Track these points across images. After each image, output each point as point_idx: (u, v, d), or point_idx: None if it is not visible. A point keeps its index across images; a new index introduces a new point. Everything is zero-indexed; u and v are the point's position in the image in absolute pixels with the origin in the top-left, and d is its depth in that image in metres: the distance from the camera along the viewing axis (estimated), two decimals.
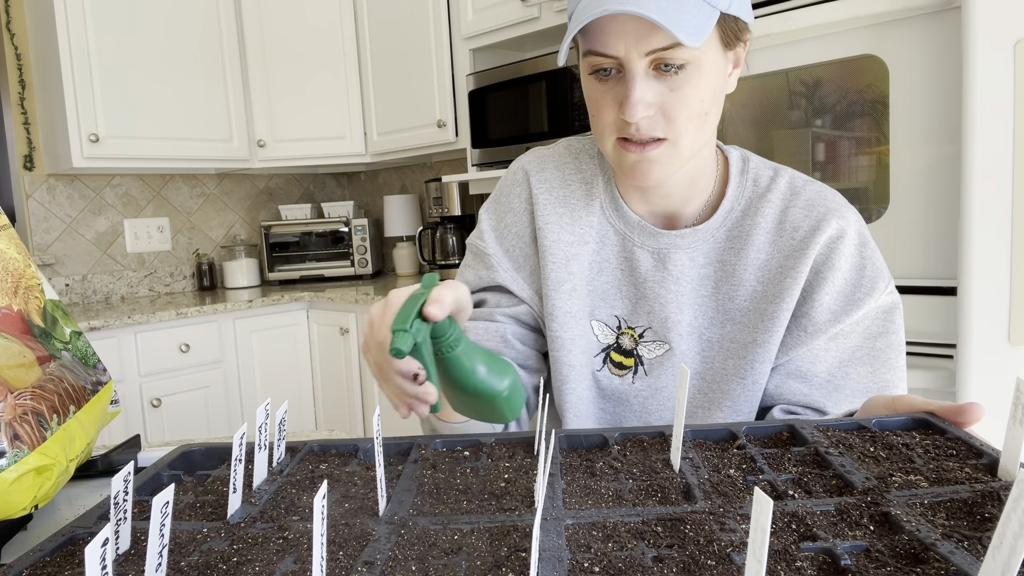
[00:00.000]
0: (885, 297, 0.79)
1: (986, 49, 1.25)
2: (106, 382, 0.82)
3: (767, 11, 1.55)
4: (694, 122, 0.71)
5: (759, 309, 0.79)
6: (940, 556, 0.37)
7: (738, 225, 0.81)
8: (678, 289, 0.81)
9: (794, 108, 1.58)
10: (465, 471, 0.56)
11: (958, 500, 0.44)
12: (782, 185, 0.81)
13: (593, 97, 0.73)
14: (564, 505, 0.47)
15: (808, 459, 0.53)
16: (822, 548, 0.40)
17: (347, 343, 2.74)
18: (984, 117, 1.26)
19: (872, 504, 0.44)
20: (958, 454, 0.52)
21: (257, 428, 0.55)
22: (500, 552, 0.42)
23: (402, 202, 3.22)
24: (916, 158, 1.41)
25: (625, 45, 0.67)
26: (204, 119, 2.85)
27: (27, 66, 2.75)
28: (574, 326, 0.84)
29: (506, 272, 0.87)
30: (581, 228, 0.84)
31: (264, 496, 0.52)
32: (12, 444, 0.62)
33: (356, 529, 0.46)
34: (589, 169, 0.86)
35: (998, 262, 1.27)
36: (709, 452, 0.56)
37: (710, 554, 0.40)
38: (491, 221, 0.89)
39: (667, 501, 0.48)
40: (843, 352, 0.79)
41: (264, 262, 3.22)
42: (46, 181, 2.82)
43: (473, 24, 2.48)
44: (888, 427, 0.59)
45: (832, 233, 0.78)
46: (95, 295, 2.96)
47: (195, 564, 0.42)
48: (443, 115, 2.66)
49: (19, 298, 0.74)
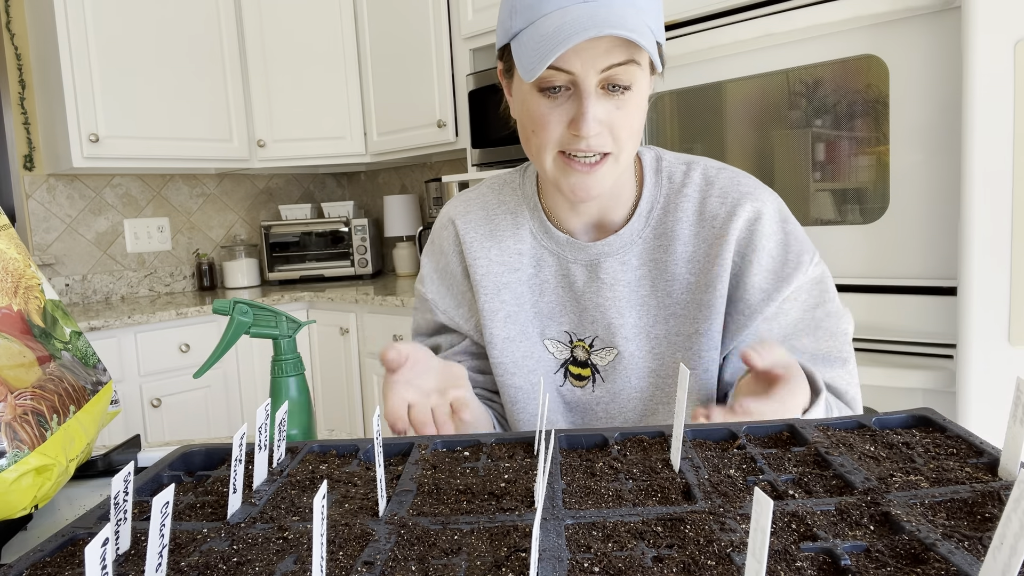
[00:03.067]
0: (814, 269, 0.82)
1: (986, 49, 1.25)
2: (106, 382, 0.82)
3: (767, 11, 1.55)
4: (633, 139, 0.76)
5: (696, 300, 0.82)
6: (940, 556, 0.37)
7: (661, 223, 0.84)
8: (613, 295, 0.84)
9: (794, 108, 1.58)
10: (465, 471, 0.56)
11: (958, 500, 0.44)
12: (696, 177, 0.85)
13: (538, 113, 0.75)
14: (564, 505, 0.47)
15: (808, 459, 0.53)
16: (822, 548, 0.40)
17: (347, 343, 2.73)
18: (984, 117, 1.26)
19: (872, 504, 0.44)
20: (958, 453, 0.52)
21: (257, 428, 0.55)
22: (500, 552, 0.42)
23: (402, 202, 3.22)
24: (916, 158, 1.41)
25: (582, 63, 0.70)
26: (204, 119, 2.85)
27: (27, 66, 2.75)
28: (514, 350, 0.88)
29: (444, 312, 0.94)
30: (510, 257, 0.89)
31: (264, 496, 0.52)
32: (12, 444, 0.62)
33: (356, 529, 0.46)
34: (513, 200, 0.91)
35: (998, 262, 1.27)
36: (709, 452, 0.56)
37: (710, 554, 0.40)
38: (429, 265, 0.96)
39: (667, 501, 0.48)
40: (785, 327, 0.82)
41: (264, 262, 3.22)
42: (46, 181, 2.82)
43: (473, 24, 2.48)
44: (888, 425, 0.59)
45: (748, 216, 0.81)
46: (95, 295, 2.96)
47: (195, 564, 0.42)
48: (443, 115, 2.66)
49: (19, 298, 0.74)
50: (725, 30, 1.59)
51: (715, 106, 1.68)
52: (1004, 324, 1.28)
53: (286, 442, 0.62)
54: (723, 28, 1.60)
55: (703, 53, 1.64)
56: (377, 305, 2.59)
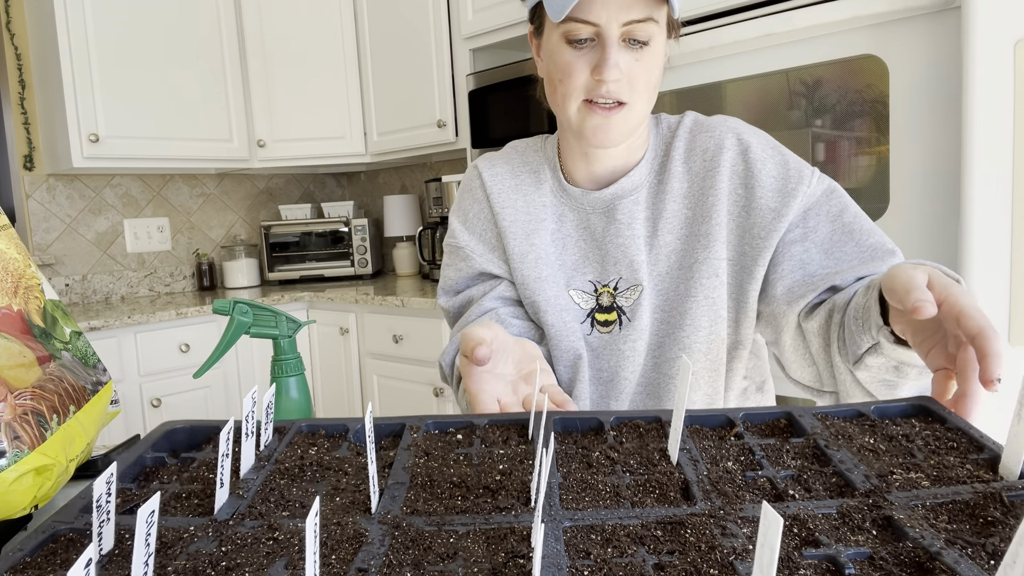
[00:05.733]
0: (818, 182, 0.86)
1: (986, 49, 1.25)
2: (106, 382, 0.82)
3: (767, 11, 1.55)
4: (648, 92, 0.83)
5: (692, 232, 0.89)
6: (946, 566, 0.37)
7: (661, 167, 0.92)
8: (631, 233, 0.90)
9: (794, 108, 1.58)
10: (459, 458, 0.54)
11: (960, 502, 0.43)
12: (687, 122, 0.93)
13: (564, 62, 0.83)
14: (561, 504, 0.47)
15: (807, 452, 0.53)
16: (825, 555, 0.39)
17: (347, 343, 2.74)
18: (984, 117, 1.26)
19: (874, 507, 0.44)
20: (958, 447, 0.51)
21: (244, 418, 0.54)
22: (497, 558, 0.41)
23: (402, 202, 3.22)
24: (916, 158, 1.41)
25: (607, 14, 0.78)
26: (204, 119, 2.85)
27: (27, 66, 2.75)
28: (546, 289, 0.92)
29: (481, 256, 0.97)
30: (536, 208, 0.95)
31: (252, 487, 0.51)
32: (12, 444, 0.62)
33: (348, 529, 0.44)
34: (535, 160, 0.97)
35: (998, 262, 1.27)
36: (707, 442, 0.55)
37: (712, 562, 0.39)
38: (459, 218, 1.00)
39: (666, 499, 0.47)
40: (822, 243, 0.84)
41: (264, 262, 3.22)
42: (46, 181, 2.82)
43: (473, 24, 2.48)
44: (887, 414, 0.58)
45: (738, 148, 0.88)
46: (95, 295, 2.96)
47: (182, 569, 0.41)
48: (443, 115, 2.66)
49: (19, 298, 0.74)
50: (725, 30, 1.59)
51: (715, 106, 1.67)
52: (1004, 324, 1.28)
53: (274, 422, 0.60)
54: (723, 28, 1.60)
55: (703, 53, 1.64)
56: (377, 305, 2.59)
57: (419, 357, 2.49)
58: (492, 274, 0.97)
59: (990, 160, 1.26)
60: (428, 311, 2.41)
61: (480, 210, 0.97)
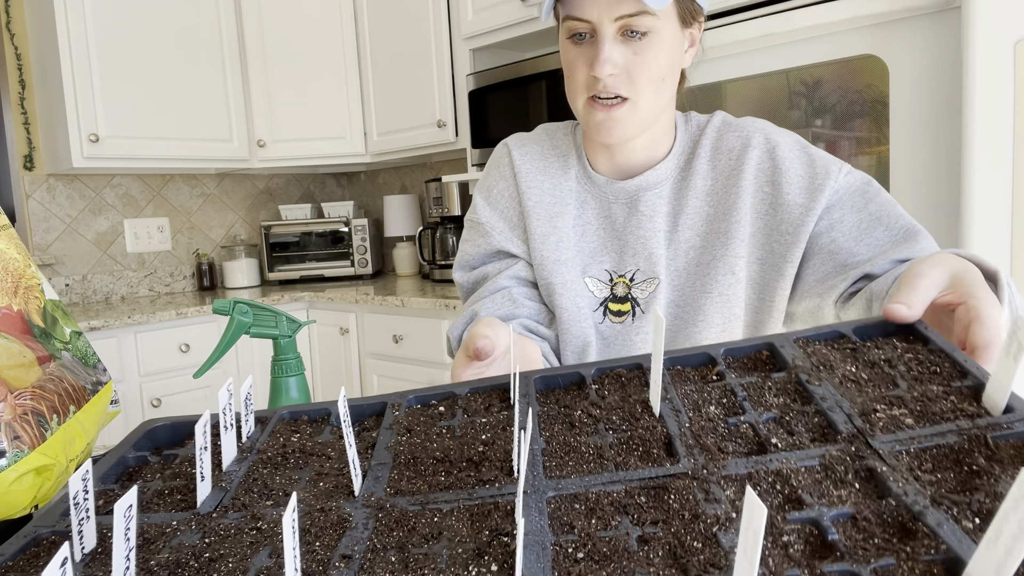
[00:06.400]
0: (846, 178, 0.85)
1: (986, 49, 1.25)
2: (106, 382, 0.82)
3: (767, 11, 1.55)
4: (653, 85, 0.82)
5: (712, 229, 0.88)
6: (929, 529, 0.36)
7: (687, 164, 0.92)
8: (653, 226, 0.90)
9: (794, 108, 1.58)
10: (441, 432, 0.54)
11: (944, 447, 0.43)
12: (716, 121, 0.93)
13: (569, 59, 0.84)
14: (545, 472, 0.46)
15: (789, 389, 0.51)
16: (808, 518, 0.39)
17: (347, 343, 2.73)
18: (984, 117, 1.26)
19: (857, 457, 0.43)
20: (941, 372, 0.50)
21: (221, 411, 0.53)
22: (482, 536, 0.40)
23: (402, 202, 3.22)
24: (916, 158, 1.41)
25: (598, 11, 0.79)
26: (204, 119, 2.85)
27: (27, 66, 2.75)
28: (563, 272, 0.92)
29: (501, 234, 0.96)
30: (561, 192, 0.94)
31: (235, 479, 0.50)
32: (12, 444, 0.62)
33: (332, 515, 0.44)
34: (564, 144, 0.97)
35: (998, 262, 1.27)
36: (688, 386, 0.54)
37: (696, 533, 0.39)
38: (482, 194, 0.99)
39: (649, 457, 0.46)
40: (850, 231, 0.83)
41: (264, 262, 3.22)
42: (46, 181, 2.82)
43: (473, 24, 2.48)
44: (869, 334, 0.56)
45: (765, 146, 0.87)
46: (95, 295, 2.96)
47: (165, 563, 0.40)
48: (443, 115, 2.66)
49: (19, 298, 0.74)
50: (725, 30, 1.59)
51: (715, 106, 1.67)
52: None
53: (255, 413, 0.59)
54: (723, 28, 1.60)
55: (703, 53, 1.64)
56: (377, 305, 2.59)
57: (419, 357, 2.49)
58: (509, 253, 0.97)
59: (990, 160, 1.26)
60: (428, 311, 2.41)
61: (505, 187, 0.97)
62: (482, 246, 0.98)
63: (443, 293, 2.49)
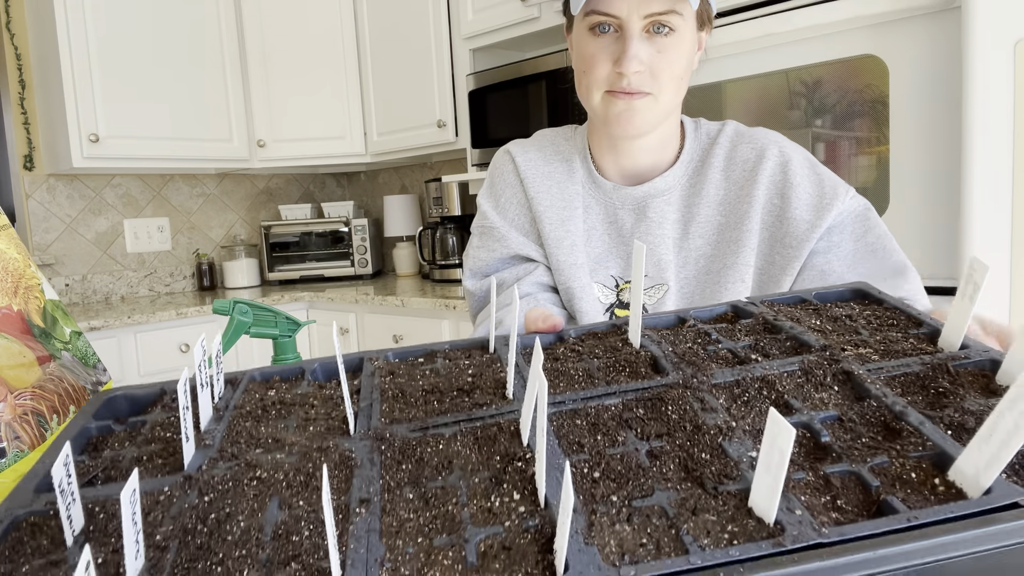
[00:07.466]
0: (851, 202, 0.87)
1: (986, 49, 1.25)
2: (106, 382, 0.82)
3: (767, 11, 1.55)
4: (674, 82, 0.83)
5: (724, 238, 0.89)
6: (913, 428, 0.38)
7: (697, 172, 0.92)
8: (662, 233, 0.90)
9: (794, 108, 1.58)
10: (425, 373, 0.53)
11: (911, 374, 0.45)
12: (729, 131, 0.93)
13: (588, 53, 0.83)
14: None
15: (759, 328, 0.54)
16: (800, 422, 0.40)
17: (347, 343, 2.73)
18: (984, 117, 1.26)
19: (832, 361, 0.45)
20: (898, 324, 0.53)
21: (197, 366, 0.49)
22: (495, 463, 0.39)
23: (402, 202, 3.22)
24: (916, 158, 1.41)
25: (628, 7, 0.78)
26: (204, 119, 2.85)
27: (27, 66, 2.75)
28: (580, 276, 0.91)
29: (516, 239, 0.95)
30: (568, 195, 0.94)
31: (217, 435, 0.47)
32: (12, 444, 0.62)
33: (333, 455, 0.42)
34: (566, 148, 0.97)
35: (998, 262, 1.27)
36: (664, 332, 0.56)
37: (703, 445, 0.39)
38: (490, 202, 0.98)
39: (637, 375, 0.47)
40: (844, 259, 0.85)
41: (264, 262, 3.22)
42: (46, 181, 2.82)
43: (473, 24, 2.48)
44: (827, 299, 0.61)
45: (779, 159, 0.88)
46: (95, 295, 2.96)
47: (171, 533, 0.37)
48: (443, 115, 2.66)
49: (19, 298, 0.74)
50: (725, 30, 1.59)
51: (715, 106, 1.67)
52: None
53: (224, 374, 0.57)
54: (723, 28, 1.60)
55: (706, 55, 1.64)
56: (377, 305, 2.59)
57: None
58: (527, 257, 0.95)
59: (990, 160, 1.26)
60: (428, 311, 2.41)
61: (513, 194, 0.96)
62: (497, 251, 0.96)
63: (443, 293, 2.49)
